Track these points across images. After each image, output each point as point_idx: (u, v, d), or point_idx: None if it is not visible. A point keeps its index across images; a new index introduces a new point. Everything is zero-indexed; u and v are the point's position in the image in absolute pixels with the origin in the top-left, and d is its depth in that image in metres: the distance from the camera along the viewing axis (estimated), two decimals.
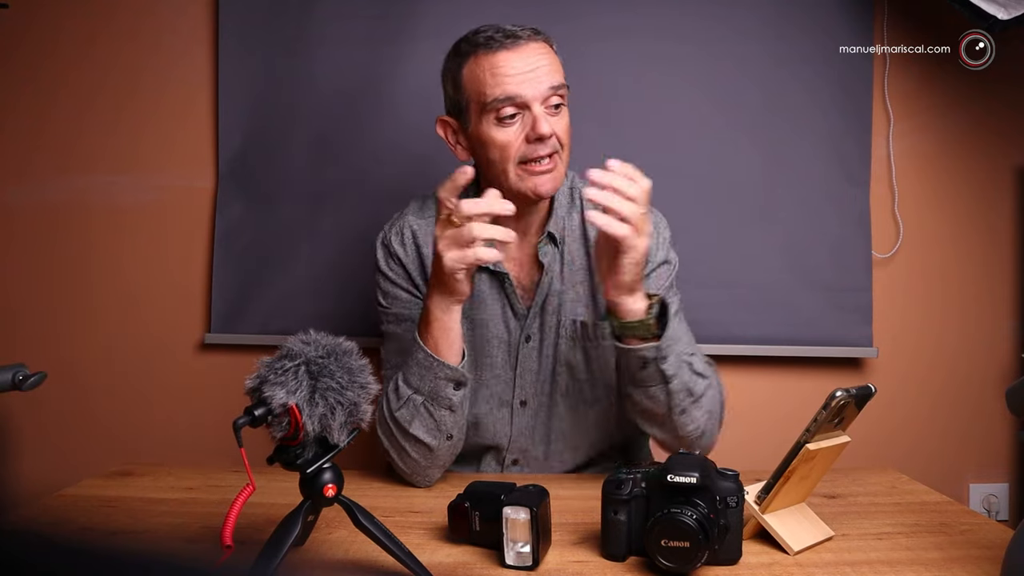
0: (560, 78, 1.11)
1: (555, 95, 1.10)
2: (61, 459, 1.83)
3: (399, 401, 1.08)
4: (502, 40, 1.10)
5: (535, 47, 1.10)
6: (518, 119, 1.09)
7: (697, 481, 0.79)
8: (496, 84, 1.08)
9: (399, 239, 1.24)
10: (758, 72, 1.81)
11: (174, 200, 1.88)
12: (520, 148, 1.10)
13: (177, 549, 0.54)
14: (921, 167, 1.90)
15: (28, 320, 1.90)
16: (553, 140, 1.10)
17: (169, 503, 1.03)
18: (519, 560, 0.82)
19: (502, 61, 1.09)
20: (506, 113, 1.09)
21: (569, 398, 1.21)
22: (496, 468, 1.25)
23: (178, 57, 1.87)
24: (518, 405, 1.21)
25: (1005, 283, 1.93)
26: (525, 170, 1.10)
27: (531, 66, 1.09)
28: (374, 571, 0.81)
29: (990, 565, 0.83)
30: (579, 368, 1.20)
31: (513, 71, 1.08)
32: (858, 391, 0.85)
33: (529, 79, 1.08)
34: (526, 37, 1.11)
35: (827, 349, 1.85)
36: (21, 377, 0.75)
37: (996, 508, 1.93)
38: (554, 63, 1.12)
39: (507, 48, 1.09)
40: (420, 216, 1.25)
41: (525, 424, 1.22)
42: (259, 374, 0.70)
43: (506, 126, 1.10)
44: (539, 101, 1.08)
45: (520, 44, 1.10)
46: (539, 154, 1.09)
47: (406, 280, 1.22)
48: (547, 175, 1.11)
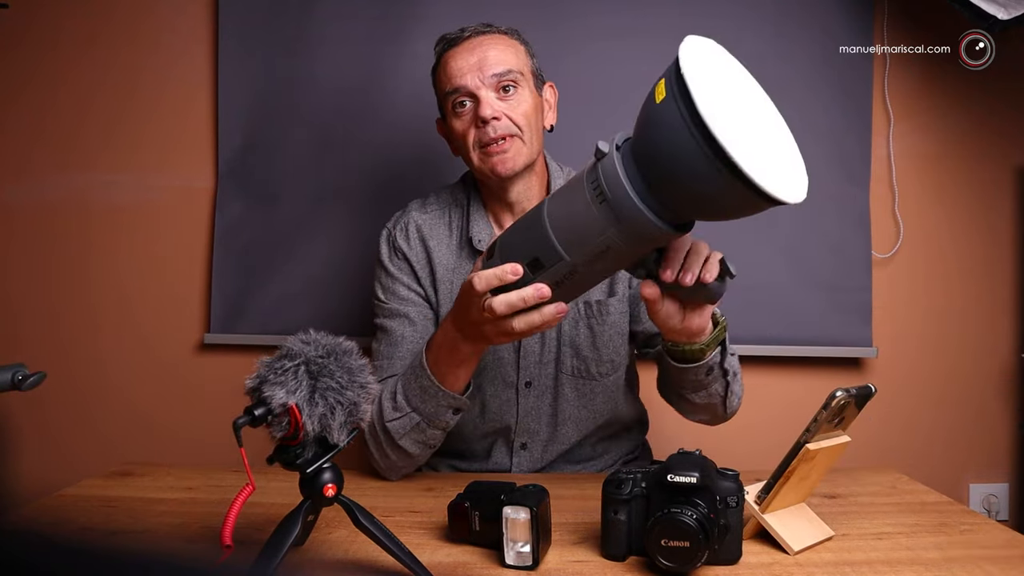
0: (508, 65, 1.15)
1: (504, 81, 1.15)
2: (61, 459, 1.84)
3: (395, 413, 1.09)
4: (452, 39, 1.19)
5: (482, 39, 1.17)
6: (469, 107, 1.16)
7: (697, 481, 0.79)
8: (447, 79, 1.17)
9: (404, 234, 1.26)
10: (758, 72, 1.79)
11: (174, 200, 1.88)
12: (473, 132, 1.16)
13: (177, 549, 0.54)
14: (921, 167, 1.90)
15: (27, 320, 1.90)
16: (504, 123, 1.14)
17: (169, 503, 1.03)
18: (519, 560, 0.82)
19: (451, 58, 1.17)
20: (458, 102, 1.16)
21: (575, 377, 1.23)
22: (506, 454, 1.26)
23: (178, 57, 1.87)
24: (523, 386, 1.22)
25: (1005, 283, 1.93)
26: (484, 152, 1.16)
27: (475, 57, 1.15)
28: (374, 571, 0.81)
29: (990, 565, 0.83)
30: (584, 346, 1.22)
31: (458, 64, 1.16)
32: (858, 391, 0.85)
33: (472, 69, 1.15)
34: (473, 32, 1.18)
35: (827, 349, 1.85)
36: (20, 377, 0.75)
37: (996, 508, 1.93)
38: (503, 52, 1.16)
39: (455, 45, 1.18)
40: (423, 212, 1.29)
41: (531, 405, 1.23)
42: (259, 374, 0.70)
43: (460, 116, 1.17)
44: (483, 88, 1.14)
45: (466, 40, 1.18)
46: (488, 137, 1.14)
47: (409, 275, 1.24)
48: (502, 155, 1.15)
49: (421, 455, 1.12)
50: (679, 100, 0.71)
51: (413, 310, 1.22)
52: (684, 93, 0.70)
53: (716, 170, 0.70)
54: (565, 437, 1.25)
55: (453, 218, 1.27)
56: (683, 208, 0.78)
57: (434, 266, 1.24)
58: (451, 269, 1.24)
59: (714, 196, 0.74)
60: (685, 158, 0.72)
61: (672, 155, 0.73)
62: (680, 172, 0.73)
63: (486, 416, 1.23)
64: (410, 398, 1.07)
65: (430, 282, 1.24)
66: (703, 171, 0.71)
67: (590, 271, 0.85)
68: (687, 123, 0.70)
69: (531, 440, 1.25)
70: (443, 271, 1.24)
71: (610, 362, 1.23)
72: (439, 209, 1.29)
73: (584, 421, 1.25)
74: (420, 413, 1.07)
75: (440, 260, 1.24)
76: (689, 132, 0.70)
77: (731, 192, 0.72)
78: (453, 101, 1.16)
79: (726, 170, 0.70)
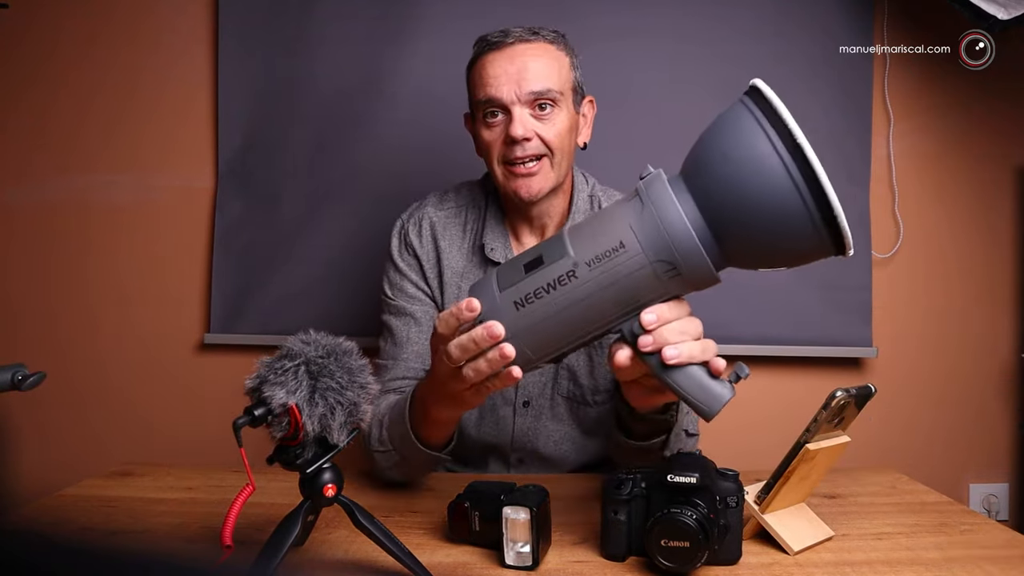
0: (549, 83, 1.08)
1: (542, 99, 1.08)
2: (61, 459, 1.84)
3: (379, 446, 1.05)
4: (493, 41, 1.10)
5: (523, 48, 1.09)
6: (501, 120, 1.10)
7: (697, 481, 0.79)
8: (481, 86, 1.10)
9: (416, 230, 1.22)
10: (758, 72, 1.79)
11: (174, 200, 1.88)
12: (501, 149, 1.10)
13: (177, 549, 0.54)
14: (921, 167, 1.91)
15: (27, 320, 1.90)
16: (535, 144, 1.08)
17: (169, 503, 1.03)
18: (519, 560, 0.81)
19: (489, 62, 1.09)
20: (490, 114, 1.10)
21: (571, 401, 1.21)
22: (502, 469, 1.24)
23: (178, 57, 1.87)
24: (520, 405, 1.21)
25: (1005, 283, 1.93)
26: (509, 171, 1.11)
27: (515, 67, 1.07)
28: (374, 571, 0.81)
29: (990, 565, 0.83)
30: (581, 373, 1.19)
31: (495, 72, 1.08)
32: (858, 391, 0.85)
33: (509, 81, 1.07)
34: (516, 37, 1.09)
35: (827, 349, 1.85)
36: (20, 377, 0.75)
37: (996, 508, 1.93)
38: (547, 67, 1.09)
39: (496, 49, 1.09)
40: (439, 208, 1.24)
41: (528, 425, 1.21)
42: (259, 374, 0.70)
43: (491, 127, 1.10)
44: (518, 104, 1.07)
45: (507, 45, 1.09)
46: (516, 156, 1.08)
47: (418, 273, 1.21)
48: (528, 178, 1.09)
49: (411, 481, 1.09)
50: (786, 153, 0.67)
51: (419, 309, 1.19)
52: (795, 149, 0.67)
53: (814, 230, 0.68)
54: (561, 459, 1.23)
55: (469, 219, 1.23)
56: (734, 247, 0.73)
57: (443, 268, 1.20)
58: (459, 273, 1.20)
59: (789, 249, 0.71)
60: (780, 211, 0.68)
61: (762, 206, 0.68)
62: (763, 221, 0.69)
63: (482, 430, 1.21)
64: (392, 438, 1.03)
65: (438, 283, 1.21)
66: (797, 228, 0.68)
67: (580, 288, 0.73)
68: (794, 178, 0.67)
69: (527, 458, 1.23)
70: (451, 274, 1.20)
71: (606, 391, 1.20)
72: (456, 207, 1.24)
73: (580, 445, 1.23)
74: (400, 455, 1.03)
75: (449, 263, 1.20)
76: (797, 190, 0.67)
77: (813, 250, 0.70)
78: (483, 110, 1.10)
79: (827, 233, 0.68)
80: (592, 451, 1.24)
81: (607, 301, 0.74)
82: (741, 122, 0.70)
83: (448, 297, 1.20)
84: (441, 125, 1.78)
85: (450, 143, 1.77)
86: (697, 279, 0.74)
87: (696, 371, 0.76)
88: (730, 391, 0.76)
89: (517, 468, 1.24)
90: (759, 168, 0.68)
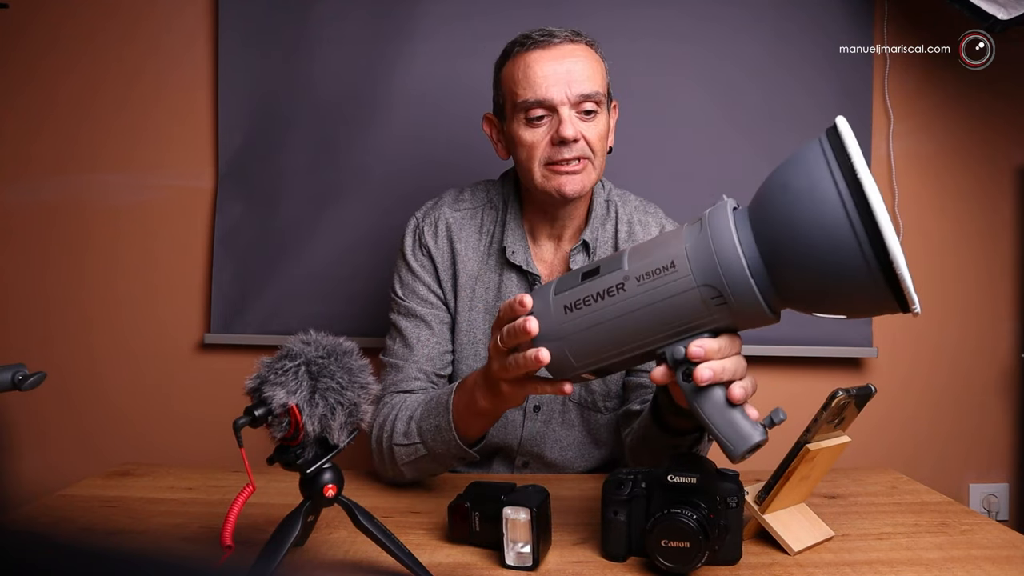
0: (594, 86, 1.08)
1: (588, 102, 1.08)
2: (61, 459, 1.84)
3: (404, 439, 1.05)
4: (537, 39, 1.09)
5: (571, 48, 1.09)
6: (546, 121, 1.09)
7: (697, 481, 0.79)
8: (527, 86, 1.08)
9: (432, 230, 1.20)
10: (758, 72, 1.81)
11: (174, 200, 1.88)
12: (545, 150, 1.09)
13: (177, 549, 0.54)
14: (921, 167, 1.90)
15: (27, 320, 1.90)
16: (580, 145, 1.08)
17: (169, 503, 1.03)
18: (519, 560, 0.82)
19: (534, 61, 1.08)
20: (535, 115, 1.08)
21: (583, 407, 1.20)
22: (507, 470, 1.24)
23: (178, 57, 1.87)
24: (531, 409, 1.20)
25: (1005, 283, 1.93)
26: (551, 170, 1.09)
27: (564, 68, 1.07)
28: (374, 571, 0.81)
29: (990, 565, 0.83)
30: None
31: (544, 72, 1.07)
32: (858, 391, 0.85)
33: (559, 82, 1.06)
34: (562, 37, 1.09)
35: (827, 349, 1.85)
36: (20, 377, 0.75)
37: (996, 508, 1.93)
38: (592, 69, 1.09)
39: (541, 47, 1.08)
40: (455, 208, 1.22)
41: (537, 429, 1.20)
42: (259, 374, 0.70)
43: (534, 127, 1.09)
44: (567, 105, 1.07)
45: (555, 44, 1.08)
46: (563, 157, 1.08)
47: (431, 276, 1.19)
48: (572, 176, 1.09)
49: (416, 480, 1.09)
50: (843, 185, 0.65)
51: (430, 312, 1.17)
52: (854, 183, 0.65)
53: (869, 275, 0.65)
54: (566, 465, 1.22)
55: (485, 221, 1.21)
56: (787, 283, 0.71)
57: (458, 270, 1.18)
58: (473, 276, 1.19)
59: (843, 293, 0.68)
60: (832, 246, 0.66)
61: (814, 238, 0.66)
62: (815, 257, 0.67)
63: (490, 431, 1.22)
64: (423, 430, 1.03)
65: (451, 286, 1.19)
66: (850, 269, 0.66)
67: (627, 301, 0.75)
68: (848, 212, 0.65)
69: (532, 462, 1.22)
70: (466, 277, 1.18)
71: (617, 397, 1.20)
72: (472, 208, 1.22)
73: (586, 451, 1.23)
74: (427, 448, 1.03)
75: (464, 265, 1.19)
76: (850, 225, 0.65)
77: (870, 299, 0.67)
78: (528, 110, 1.08)
79: (883, 281, 0.65)
80: (597, 458, 1.24)
81: (652, 319, 0.75)
82: (808, 154, 0.69)
83: (462, 299, 1.19)
84: (441, 125, 1.78)
85: (450, 143, 1.77)
86: (747, 312, 0.73)
87: (728, 407, 0.76)
88: (760, 434, 0.75)
89: (521, 471, 1.23)
90: (814, 197, 0.66)
